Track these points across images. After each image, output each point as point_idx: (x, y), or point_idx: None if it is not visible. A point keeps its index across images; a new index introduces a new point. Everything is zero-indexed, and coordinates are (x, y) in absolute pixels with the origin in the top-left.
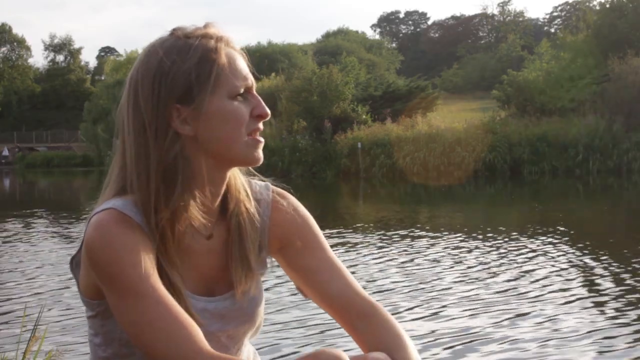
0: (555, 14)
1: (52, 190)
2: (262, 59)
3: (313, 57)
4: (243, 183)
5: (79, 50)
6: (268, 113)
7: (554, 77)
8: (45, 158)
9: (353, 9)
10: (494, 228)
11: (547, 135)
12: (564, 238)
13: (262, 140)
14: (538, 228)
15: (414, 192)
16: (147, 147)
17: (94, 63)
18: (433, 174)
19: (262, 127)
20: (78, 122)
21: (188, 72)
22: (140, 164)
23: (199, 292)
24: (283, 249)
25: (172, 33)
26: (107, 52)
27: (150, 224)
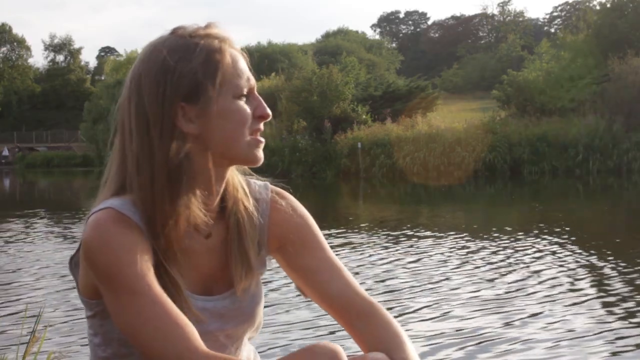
0: (555, 14)
1: (52, 190)
2: (262, 59)
3: (313, 57)
4: (240, 181)
5: (79, 50)
6: (269, 114)
7: (554, 77)
8: (45, 158)
9: (353, 9)
10: (498, 228)
11: (547, 135)
12: (570, 238)
13: (263, 141)
14: (541, 228)
15: (414, 192)
16: (151, 145)
17: (94, 63)
18: (433, 174)
19: (262, 127)
20: (78, 122)
21: (194, 70)
22: (144, 163)
23: (198, 291)
24: (282, 249)
25: (173, 32)
26: (107, 52)
27: (151, 224)
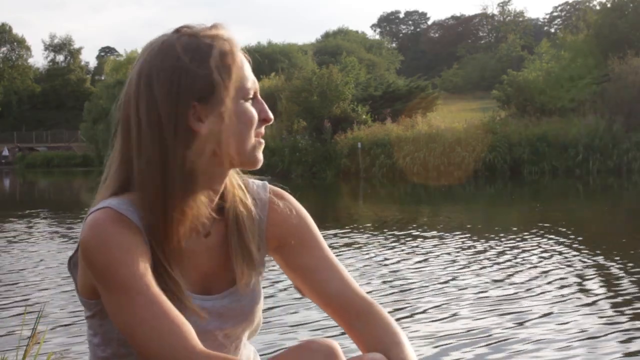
0: (555, 14)
1: (52, 190)
2: (262, 59)
3: (313, 57)
4: (237, 179)
5: (79, 50)
6: (272, 118)
7: (554, 77)
8: (45, 158)
9: (353, 9)
10: (502, 228)
11: (547, 135)
12: (574, 238)
13: (262, 142)
14: (544, 228)
15: (414, 192)
16: (163, 144)
17: (94, 63)
18: (433, 174)
19: (264, 131)
20: (78, 122)
21: (209, 71)
22: (157, 162)
23: (197, 290)
24: (281, 248)
25: (179, 31)
26: (107, 52)
27: (154, 223)
